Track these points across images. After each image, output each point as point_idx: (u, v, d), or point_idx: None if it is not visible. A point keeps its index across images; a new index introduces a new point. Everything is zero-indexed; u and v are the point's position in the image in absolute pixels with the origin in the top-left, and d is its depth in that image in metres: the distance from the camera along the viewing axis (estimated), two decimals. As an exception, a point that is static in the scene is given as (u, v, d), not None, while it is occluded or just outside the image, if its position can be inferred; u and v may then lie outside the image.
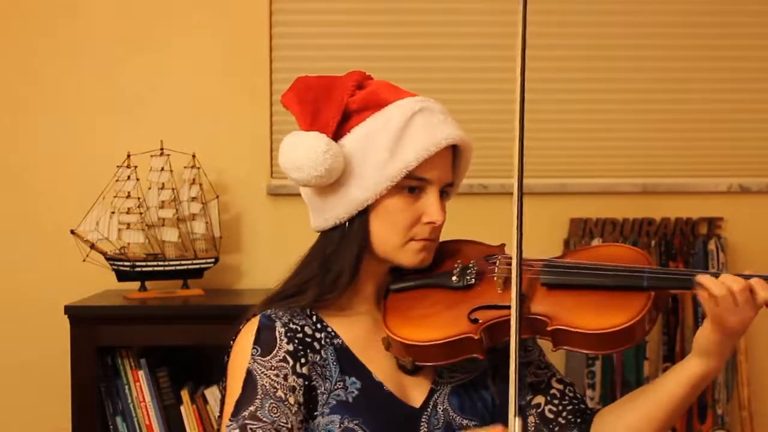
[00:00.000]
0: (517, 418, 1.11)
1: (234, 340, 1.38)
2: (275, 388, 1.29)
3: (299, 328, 1.36)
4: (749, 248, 2.66)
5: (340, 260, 1.37)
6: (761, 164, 2.70)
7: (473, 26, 2.62)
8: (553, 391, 1.42)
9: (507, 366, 1.42)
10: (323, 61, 2.58)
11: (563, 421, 1.39)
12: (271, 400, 1.27)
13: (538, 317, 1.29)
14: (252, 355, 1.32)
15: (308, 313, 1.39)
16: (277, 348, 1.32)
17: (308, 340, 1.35)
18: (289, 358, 1.32)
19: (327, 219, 1.39)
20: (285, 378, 1.30)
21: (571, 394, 1.43)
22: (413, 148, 1.34)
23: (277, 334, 1.33)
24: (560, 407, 1.40)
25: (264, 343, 1.33)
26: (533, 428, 1.39)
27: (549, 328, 1.27)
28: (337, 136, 1.36)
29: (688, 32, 2.65)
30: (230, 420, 1.27)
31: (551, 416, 1.40)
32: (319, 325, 1.38)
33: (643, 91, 2.65)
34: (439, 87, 2.57)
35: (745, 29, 2.66)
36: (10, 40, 2.56)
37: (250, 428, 1.25)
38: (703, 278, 1.23)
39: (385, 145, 1.34)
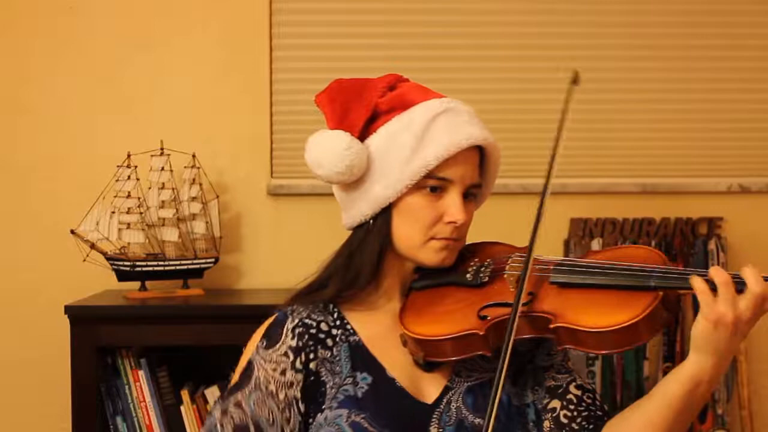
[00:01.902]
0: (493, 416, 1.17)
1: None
2: (268, 381, 1.35)
3: (314, 324, 1.40)
4: (749, 248, 2.66)
5: (362, 256, 1.41)
6: (761, 164, 2.70)
7: (475, 26, 2.62)
8: (570, 396, 1.42)
9: (524, 367, 1.44)
10: (323, 61, 2.58)
11: (576, 427, 1.39)
12: (260, 393, 1.34)
13: (542, 315, 1.30)
14: (257, 346, 1.38)
15: (330, 309, 1.44)
16: (280, 342, 1.37)
17: (321, 336, 1.40)
18: (290, 353, 1.36)
19: (353, 216, 1.43)
20: (283, 372, 1.35)
21: (588, 401, 1.42)
22: (434, 147, 1.36)
23: (284, 329, 1.39)
24: (575, 413, 1.40)
25: (271, 336, 1.39)
26: None
27: (551, 326, 1.28)
28: (364, 135, 1.41)
29: (688, 32, 2.65)
30: (219, 400, 1.35)
31: (565, 421, 1.40)
32: (338, 322, 1.42)
33: (644, 91, 2.65)
34: (441, 87, 2.55)
35: (745, 29, 2.66)
36: (10, 40, 2.56)
37: (230, 413, 1.32)
38: (696, 278, 1.22)
39: (408, 143, 1.37)
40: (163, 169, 2.44)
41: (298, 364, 1.36)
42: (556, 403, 1.42)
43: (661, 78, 2.65)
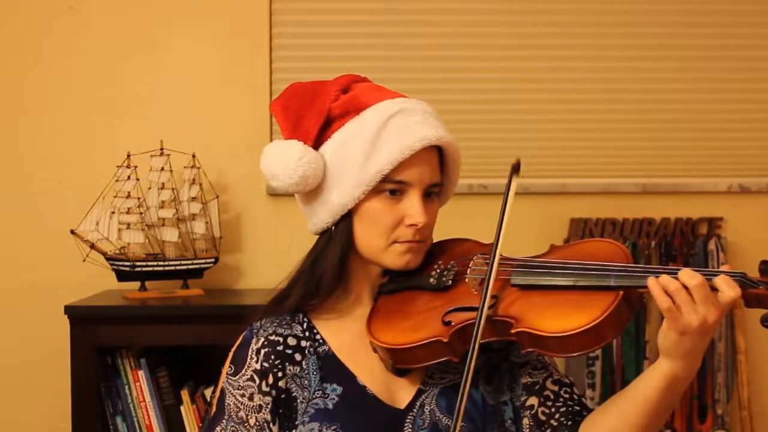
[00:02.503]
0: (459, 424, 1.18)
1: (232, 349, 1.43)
2: (238, 408, 1.35)
3: (281, 340, 1.39)
4: (749, 248, 2.66)
5: (324, 263, 1.39)
6: (761, 164, 2.70)
7: (474, 26, 2.62)
8: (546, 392, 1.40)
9: (498, 367, 1.42)
10: (323, 61, 2.58)
11: (555, 423, 1.38)
12: (232, 423, 1.35)
13: (505, 319, 1.27)
14: (227, 373, 1.39)
15: (300, 319, 1.42)
16: (246, 367, 1.37)
17: (289, 351, 1.38)
18: (256, 377, 1.36)
19: (315, 224, 1.42)
20: (250, 397, 1.35)
21: (566, 396, 1.40)
22: (387, 151, 1.34)
23: (249, 351, 1.38)
24: (553, 409, 1.39)
25: (237, 361, 1.39)
26: (528, 429, 1.38)
27: (513, 331, 1.26)
28: (318, 142, 1.39)
29: (688, 32, 2.65)
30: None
31: (543, 418, 1.38)
32: (307, 333, 1.41)
33: (643, 91, 2.66)
34: (438, 87, 2.57)
35: (745, 29, 2.66)
36: (10, 40, 2.56)
37: None
38: (661, 277, 1.19)
39: (361, 149, 1.34)
40: (163, 169, 2.44)
41: (264, 387, 1.35)
42: (533, 400, 1.40)
43: (660, 78, 2.65)
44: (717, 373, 2.59)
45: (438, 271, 1.39)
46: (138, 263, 2.40)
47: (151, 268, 2.41)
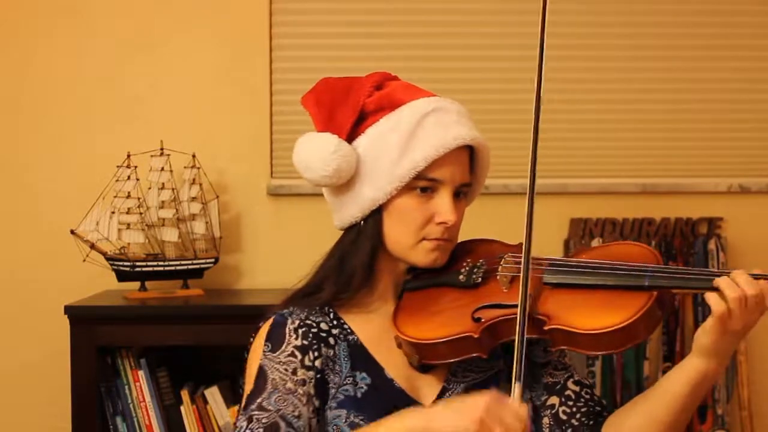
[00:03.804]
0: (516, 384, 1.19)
1: (252, 339, 1.41)
2: (285, 380, 1.31)
3: (314, 324, 1.38)
4: (749, 248, 2.66)
5: (354, 259, 1.39)
6: (761, 164, 2.70)
7: (475, 26, 2.62)
8: (568, 392, 1.42)
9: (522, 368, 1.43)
10: (323, 61, 2.58)
11: (576, 423, 1.39)
12: (279, 393, 1.30)
13: (538, 316, 1.29)
14: (264, 351, 1.35)
15: (326, 310, 1.42)
16: (285, 343, 1.35)
17: (323, 335, 1.38)
18: (297, 353, 1.34)
19: (343, 218, 1.41)
20: (294, 372, 1.32)
21: (587, 396, 1.42)
22: (422, 148, 1.35)
23: (287, 330, 1.36)
24: (574, 409, 1.40)
25: (274, 339, 1.36)
26: (547, 429, 1.40)
27: (546, 328, 1.27)
28: (352, 137, 1.39)
29: (688, 32, 2.65)
30: (241, 413, 1.30)
31: (564, 417, 1.40)
32: (335, 322, 1.41)
33: (644, 91, 2.66)
34: (440, 87, 2.53)
35: (745, 29, 2.66)
36: (10, 40, 2.56)
37: (256, 418, 1.27)
38: (722, 281, 1.22)
39: (396, 145, 1.35)
40: (162, 169, 2.44)
41: (307, 362, 1.34)
42: (554, 400, 1.42)
43: (660, 78, 2.65)
44: (717, 373, 2.59)
45: (467, 268, 1.40)
46: (138, 263, 2.40)
47: (151, 268, 2.41)
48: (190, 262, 2.44)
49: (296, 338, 1.36)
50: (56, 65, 2.56)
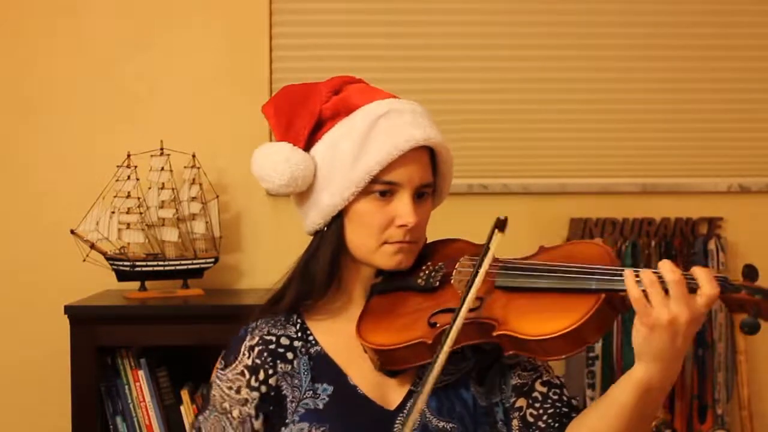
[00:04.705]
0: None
1: None
2: (223, 399, 1.38)
3: (274, 339, 1.40)
4: (749, 248, 2.66)
5: (316, 264, 1.40)
6: (761, 164, 2.70)
7: (473, 26, 2.62)
8: (535, 394, 1.40)
9: (491, 367, 1.42)
10: (323, 61, 2.58)
11: (543, 425, 1.37)
12: (216, 412, 1.38)
13: (487, 321, 1.27)
14: (216, 368, 1.41)
15: (294, 320, 1.43)
16: (237, 362, 1.39)
17: (281, 350, 1.39)
18: (246, 372, 1.38)
19: (308, 225, 1.43)
20: (237, 391, 1.37)
21: (555, 397, 1.39)
22: (375, 152, 1.34)
23: (243, 347, 1.40)
24: (541, 411, 1.38)
25: (228, 356, 1.41)
26: (517, 431, 1.38)
27: (494, 333, 1.25)
28: (309, 144, 1.40)
29: (688, 32, 2.65)
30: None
31: (531, 420, 1.38)
32: (300, 333, 1.42)
33: (643, 91, 2.66)
34: (438, 87, 2.57)
35: (745, 29, 2.66)
36: (10, 40, 2.56)
37: None
38: (627, 270, 1.18)
39: (349, 150, 1.35)
40: (162, 169, 2.44)
41: (253, 382, 1.36)
42: (522, 402, 1.39)
43: (660, 78, 2.65)
44: (717, 373, 2.59)
45: (426, 272, 1.40)
46: (138, 263, 2.40)
47: (151, 268, 2.41)
48: (190, 262, 2.44)
49: (248, 357, 1.38)
50: (56, 65, 2.56)
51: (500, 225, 1.28)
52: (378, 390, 1.38)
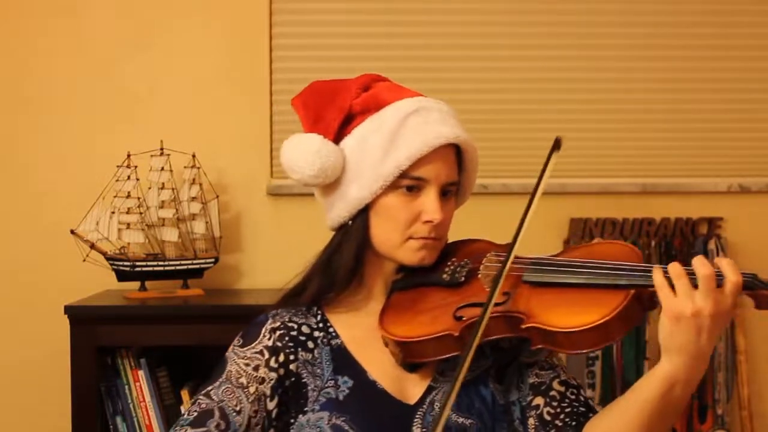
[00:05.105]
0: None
1: None
2: (240, 374, 1.36)
3: (296, 326, 1.41)
4: (749, 248, 2.66)
5: (340, 258, 1.41)
6: (761, 164, 2.70)
7: (474, 27, 2.62)
8: (553, 393, 1.41)
9: (510, 365, 1.43)
10: (323, 61, 2.58)
11: (560, 424, 1.38)
12: (229, 384, 1.36)
13: (516, 315, 1.29)
14: (234, 344, 1.41)
15: (314, 311, 1.44)
16: (257, 342, 1.39)
17: (302, 338, 1.40)
18: (265, 352, 1.38)
19: (332, 218, 1.44)
20: (255, 369, 1.36)
21: (572, 397, 1.41)
22: (406, 147, 1.36)
23: (263, 330, 1.40)
24: (558, 409, 1.39)
25: (248, 335, 1.41)
26: (533, 429, 1.39)
27: (523, 326, 1.27)
28: (339, 137, 1.42)
29: (688, 32, 2.65)
30: (193, 396, 1.38)
31: (548, 418, 1.39)
32: (321, 324, 1.43)
33: (643, 91, 2.66)
34: (438, 87, 2.57)
35: (745, 29, 2.66)
36: (10, 40, 2.56)
37: (198, 402, 1.34)
38: (669, 265, 1.20)
39: (379, 145, 1.37)
40: (162, 169, 2.44)
41: (272, 363, 1.37)
42: (539, 400, 1.41)
43: (661, 78, 2.65)
44: (717, 373, 2.59)
45: (452, 267, 1.42)
46: (138, 263, 2.40)
47: (151, 268, 2.41)
48: (190, 262, 2.44)
49: (269, 339, 1.39)
50: (56, 65, 2.56)
51: (557, 144, 1.35)
52: (397, 385, 1.40)
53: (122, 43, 2.57)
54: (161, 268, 2.42)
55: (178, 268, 2.43)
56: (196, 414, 1.32)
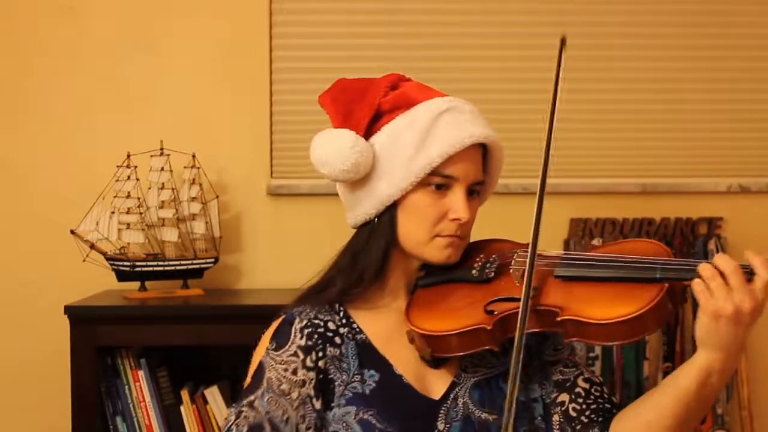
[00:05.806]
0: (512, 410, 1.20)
1: (262, 335, 1.44)
2: (280, 381, 1.35)
3: (322, 323, 1.42)
4: (749, 248, 2.65)
5: (367, 255, 1.42)
6: (761, 164, 2.70)
7: (474, 26, 2.62)
8: (578, 389, 1.43)
9: (531, 362, 1.44)
10: (323, 61, 2.58)
11: (586, 420, 1.40)
12: (272, 393, 1.34)
13: (549, 308, 1.31)
14: (267, 348, 1.39)
15: (337, 308, 1.45)
16: (290, 343, 1.39)
17: (329, 334, 1.41)
18: (300, 353, 1.38)
19: (358, 215, 1.44)
20: (294, 372, 1.36)
21: (597, 393, 1.44)
22: (437, 145, 1.38)
23: (293, 330, 1.40)
24: (584, 406, 1.42)
25: (279, 338, 1.40)
26: (557, 426, 1.41)
27: (558, 319, 1.29)
28: (368, 134, 1.42)
29: (687, 32, 2.65)
30: (233, 405, 1.35)
31: (574, 414, 1.41)
32: (344, 321, 1.43)
33: (643, 91, 2.66)
34: (441, 87, 2.55)
35: (745, 29, 2.66)
36: (10, 40, 2.56)
37: (244, 415, 1.32)
38: (702, 264, 1.24)
39: (411, 142, 1.38)
40: (162, 169, 2.44)
41: (309, 363, 1.37)
42: (564, 397, 1.43)
43: (661, 78, 2.65)
44: (717, 373, 2.59)
45: (480, 263, 1.43)
46: (138, 263, 2.40)
47: (151, 268, 2.41)
48: (190, 262, 2.44)
49: (301, 338, 1.39)
50: (56, 65, 2.56)
51: (563, 42, 1.44)
52: (421, 380, 1.41)
53: (122, 43, 2.57)
54: (161, 268, 2.42)
55: (178, 268, 2.43)
56: (246, 429, 1.30)
